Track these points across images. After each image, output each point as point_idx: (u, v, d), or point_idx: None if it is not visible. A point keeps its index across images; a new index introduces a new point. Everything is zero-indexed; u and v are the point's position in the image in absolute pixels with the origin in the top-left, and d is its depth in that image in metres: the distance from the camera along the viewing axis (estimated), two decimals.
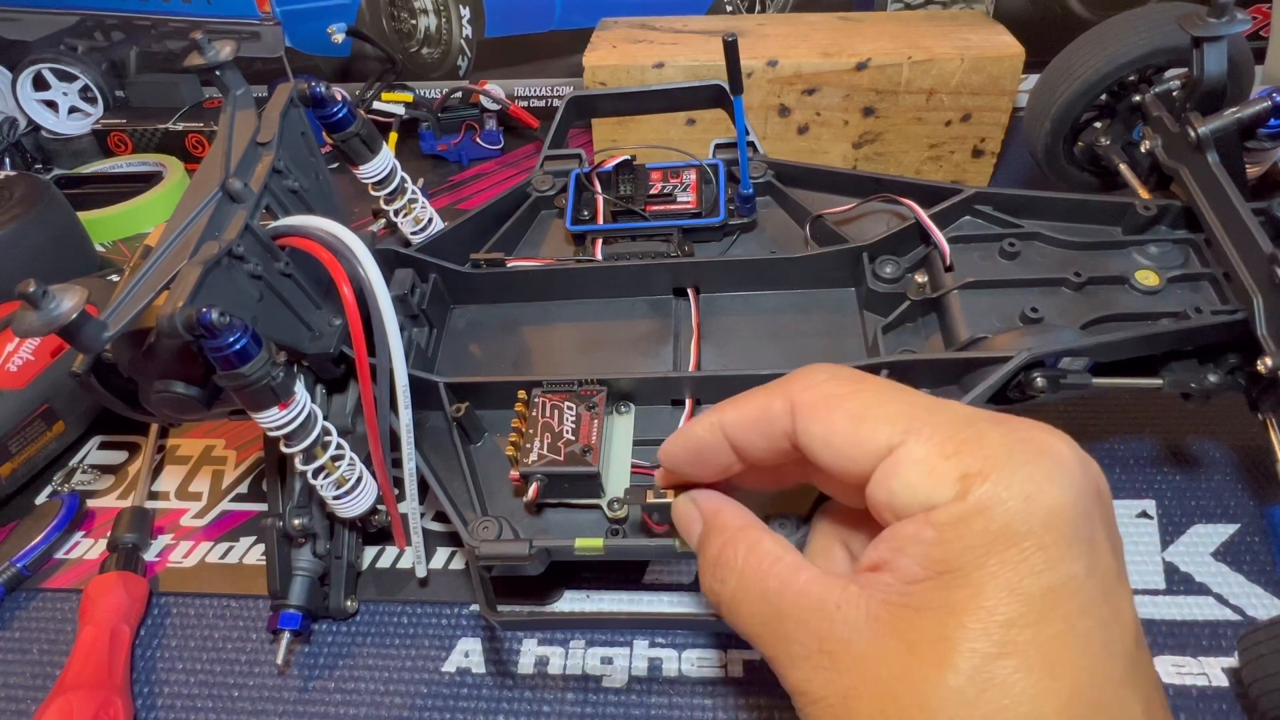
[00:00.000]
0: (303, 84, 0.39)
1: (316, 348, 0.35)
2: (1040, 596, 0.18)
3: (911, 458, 0.20)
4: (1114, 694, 0.18)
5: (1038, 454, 0.19)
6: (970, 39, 0.60)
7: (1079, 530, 0.18)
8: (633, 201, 0.44)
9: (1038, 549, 0.18)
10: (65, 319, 0.25)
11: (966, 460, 0.19)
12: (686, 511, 0.26)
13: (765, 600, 0.22)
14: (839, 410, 0.21)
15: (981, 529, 0.18)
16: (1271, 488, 0.41)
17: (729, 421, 0.24)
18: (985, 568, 0.18)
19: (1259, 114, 0.37)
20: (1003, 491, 0.18)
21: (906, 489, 0.20)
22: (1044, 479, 0.19)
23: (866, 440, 0.21)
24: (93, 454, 0.51)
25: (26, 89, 0.81)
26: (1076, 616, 0.18)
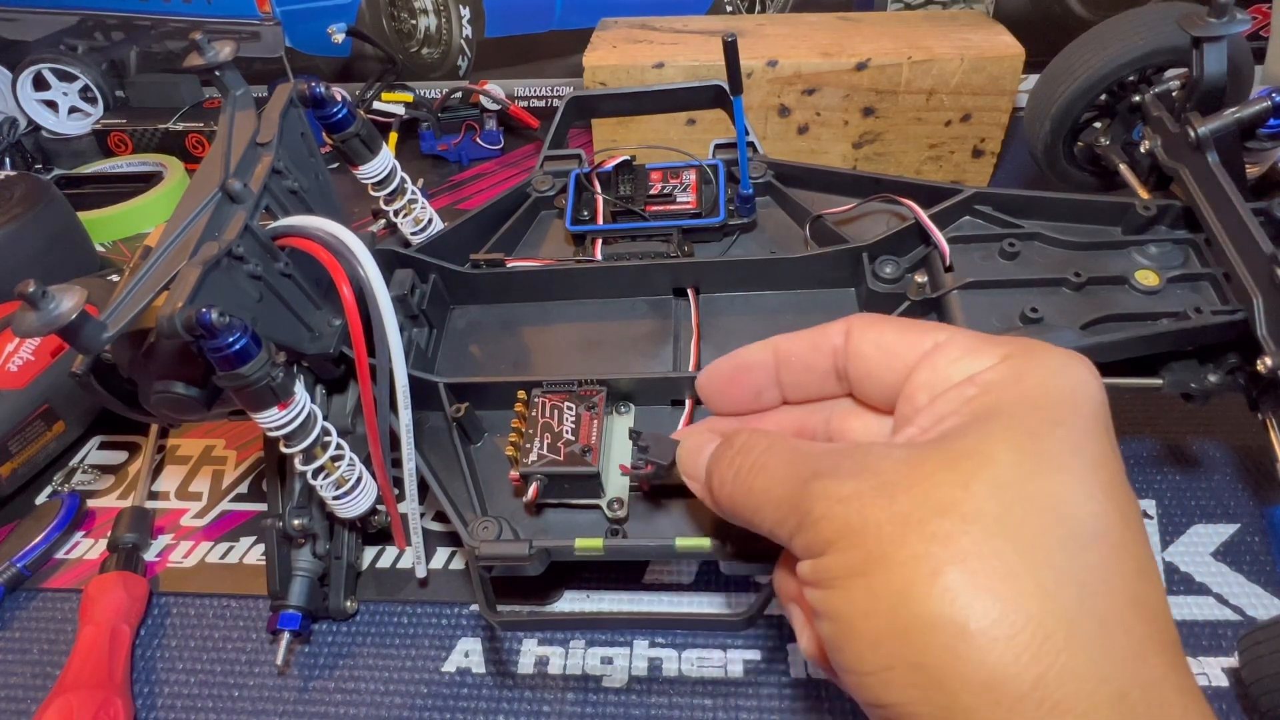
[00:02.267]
0: (302, 84, 0.39)
1: (316, 348, 0.35)
2: (1068, 435, 0.19)
3: (955, 344, 0.22)
4: (1138, 530, 0.19)
5: (1067, 355, 0.21)
6: (970, 39, 0.60)
7: (1102, 414, 0.20)
8: (633, 202, 0.43)
9: (1071, 408, 0.19)
10: (65, 319, 0.25)
11: (1006, 347, 0.21)
12: (699, 441, 0.25)
13: (795, 459, 0.21)
14: (890, 324, 0.24)
15: (1021, 389, 0.20)
16: (1271, 488, 0.41)
17: (783, 342, 0.26)
18: (1021, 412, 0.19)
19: (1259, 114, 0.37)
20: (1039, 367, 0.20)
21: (950, 364, 0.21)
22: (1074, 363, 0.20)
23: (914, 341, 0.22)
24: (93, 454, 0.51)
25: (26, 89, 0.81)
26: (1101, 460, 0.19)
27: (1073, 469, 0.19)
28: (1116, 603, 0.18)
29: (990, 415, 0.20)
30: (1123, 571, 0.18)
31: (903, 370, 0.22)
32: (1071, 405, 0.20)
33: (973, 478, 0.18)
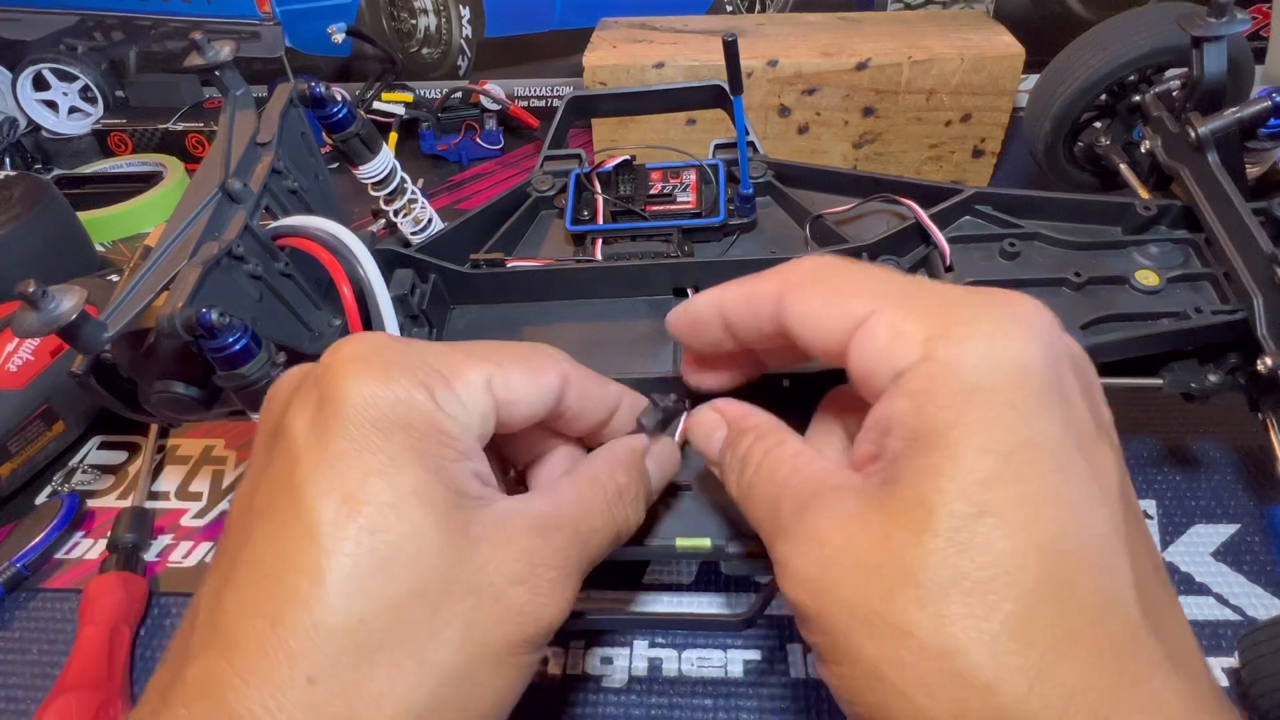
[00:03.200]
0: (302, 84, 0.39)
1: (316, 348, 0.35)
2: (1015, 453, 0.18)
3: (881, 322, 0.20)
4: (1096, 548, 0.18)
5: (1004, 313, 0.19)
6: (970, 39, 0.60)
7: (1050, 386, 0.18)
8: (633, 201, 0.43)
9: (1008, 405, 0.18)
10: (64, 319, 0.25)
11: (933, 323, 0.19)
12: (707, 418, 0.27)
13: (774, 484, 0.23)
14: (819, 287, 0.22)
15: (951, 388, 0.18)
16: (1271, 488, 0.41)
17: (726, 299, 0.25)
18: (958, 427, 0.18)
19: (1259, 114, 0.37)
20: (968, 349, 0.19)
21: (876, 353, 0.20)
22: (1009, 335, 0.19)
23: (841, 313, 0.21)
24: (93, 454, 0.51)
25: (26, 89, 0.81)
26: (1053, 473, 0.18)
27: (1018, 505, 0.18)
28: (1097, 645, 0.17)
29: (927, 444, 0.19)
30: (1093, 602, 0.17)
31: (836, 348, 0.21)
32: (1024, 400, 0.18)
33: (924, 533, 0.18)
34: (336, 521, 0.19)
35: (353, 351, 0.21)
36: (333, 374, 0.21)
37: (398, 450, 0.20)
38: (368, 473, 0.19)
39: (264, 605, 0.18)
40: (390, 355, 0.21)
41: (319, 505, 0.19)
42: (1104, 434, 0.20)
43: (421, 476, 0.20)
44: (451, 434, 0.21)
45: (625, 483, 0.25)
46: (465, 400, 0.22)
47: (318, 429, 0.20)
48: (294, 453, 0.20)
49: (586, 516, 0.24)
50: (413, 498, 0.19)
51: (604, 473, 0.25)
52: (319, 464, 0.19)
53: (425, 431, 0.20)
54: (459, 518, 0.20)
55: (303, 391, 0.21)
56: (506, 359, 0.24)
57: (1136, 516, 0.19)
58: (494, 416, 0.23)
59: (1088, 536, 0.18)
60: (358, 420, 0.20)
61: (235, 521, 0.21)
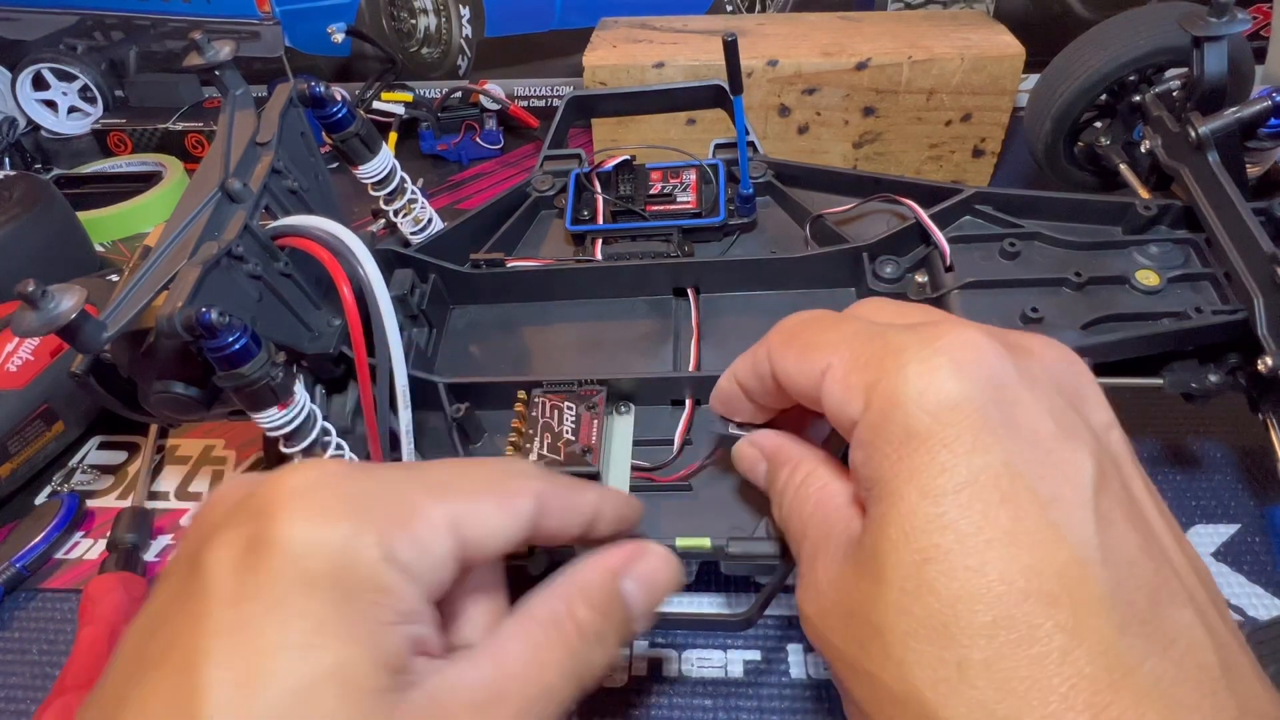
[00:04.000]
0: (302, 84, 0.39)
1: (316, 348, 0.35)
2: (953, 493, 0.17)
3: (833, 376, 0.21)
4: (1059, 580, 0.17)
5: (933, 349, 0.19)
6: (970, 39, 0.60)
7: (987, 418, 0.18)
8: (633, 201, 0.43)
9: (942, 446, 0.18)
10: (64, 319, 0.25)
11: (871, 370, 0.20)
12: (747, 453, 0.28)
13: (800, 520, 0.23)
14: (793, 345, 0.23)
15: (889, 435, 0.19)
16: (1271, 488, 0.41)
17: (737, 370, 0.26)
18: (899, 475, 0.18)
19: (1259, 114, 0.37)
20: (899, 393, 0.19)
21: (836, 406, 0.21)
22: (937, 371, 0.18)
23: (809, 368, 0.22)
24: (92, 454, 0.51)
25: (26, 89, 0.81)
26: (997, 507, 0.17)
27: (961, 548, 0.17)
28: None
29: (878, 494, 0.19)
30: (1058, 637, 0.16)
31: (814, 403, 0.22)
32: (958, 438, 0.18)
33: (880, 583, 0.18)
34: (230, 704, 0.16)
35: (299, 483, 0.18)
36: (271, 509, 0.18)
37: (325, 615, 0.17)
38: (280, 646, 0.16)
39: None
40: (340, 490, 0.19)
41: (213, 680, 0.16)
42: (1076, 440, 0.18)
43: (345, 653, 0.17)
44: (394, 591, 0.18)
45: (588, 618, 0.21)
46: (426, 544, 0.19)
47: (239, 576, 0.17)
48: (205, 603, 0.17)
49: (540, 675, 0.20)
50: (328, 681, 0.16)
51: (562, 607, 0.21)
52: (226, 625, 0.17)
53: (362, 589, 0.18)
54: (381, 704, 0.17)
55: (234, 522, 0.18)
56: (476, 489, 0.21)
57: (1132, 520, 0.18)
58: (455, 561, 0.20)
59: (1043, 567, 0.17)
60: (286, 573, 0.17)
61: (123, 659, 0.18)
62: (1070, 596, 0.16)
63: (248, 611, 0.17)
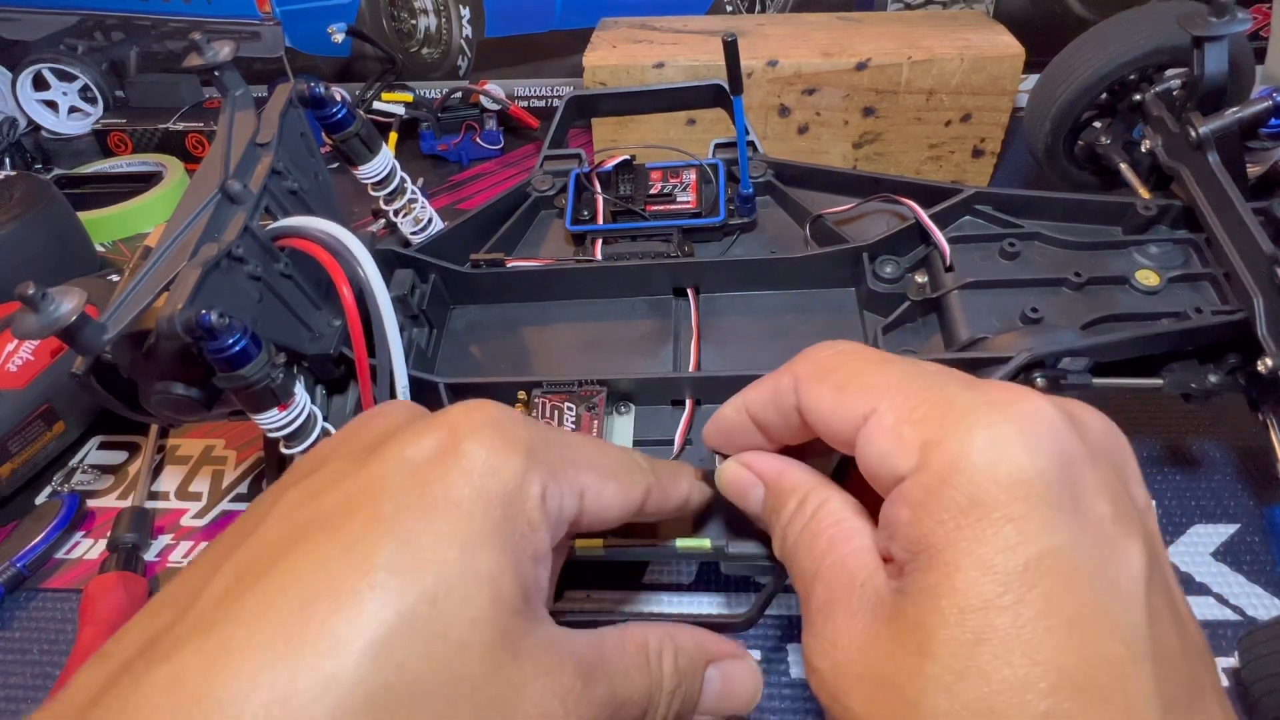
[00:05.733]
0: (302, 84, 0.39)
1: (316, 349, 0.35)
2: (1016, 574, 0.17)
3: (881, 424, 0.20)
4: (1112, 674, 0.16)
5: (1004, 415, 0.18)
6: (970, 39, 0.60)
7: (1057, 497, 0.17)
8: (633, 201, 0.43)
9: (1007, 520, 0.17)
10: (64, 321, 0.25)
11: (929, 426, 0.19)
12: (736, 475, 0.26)
13: (812, 559, 0.22)
14: (828, 381, 0.22)
15: (948, 501, 0.18)
16: (1271, 488, 0.41)
17: (750, 400, 0.25)
18: (956, 545, 0.17)
19: (1259, 114, 0.37)
20: (963, 459, 0.18)
21: (877, 456, 0.20)
22: (1010, 442, 0.18)
23: (847, 409, 0.21)
24: (93, 454, 0.51)
25: (26, 89, 0.81)
26: (1060, 594, 0.17)
27: (1019, 633, 0.17)
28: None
29: (927, 561, 0.18)
30: None
31: (845, 444, 0.21)
32: (1026, 515, 0.17)
33: (923, 656, 0.17)
34: (402, 572, 0.17)
35: (488, 416, 0.20)
36: (464, 428, 0.20)
37: (493, 528, 0.18)
38: (454, 537, 0.18)
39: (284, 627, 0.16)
40: (520, 432, 0.20)
41: (391, 548, 0.17)
42: (1130, 526, 0.18)
43: (500, 565, 0.18)
44: (540, 532, 0.20)
45: (670, 671, 0.23)
46: (566, 500, 0.21)
47: (428, 471, 0.19)
48: (392, 480, 0.19)
49: (625, 684, 0.21)
50: (486, 583, 0.18)
51: (654, 644, 0.23)
52: (411, 505, 0.18)
53: (520, 519, 0.19)
54: (516, 624, 0.18)
55: (423, 429, 0.20)
56: (608, 471, 0.23)
57: (1171, 612, 0.18)
58: (572, 525, 0.22)
59: (1099, 660, 0.16)
60: (469, 483, 0.19)
61: (290, 510, 0.19)
62: (1122, 692, 0.16)
63: (431, 498, 0.18)
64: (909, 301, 0.39)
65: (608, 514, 0.23)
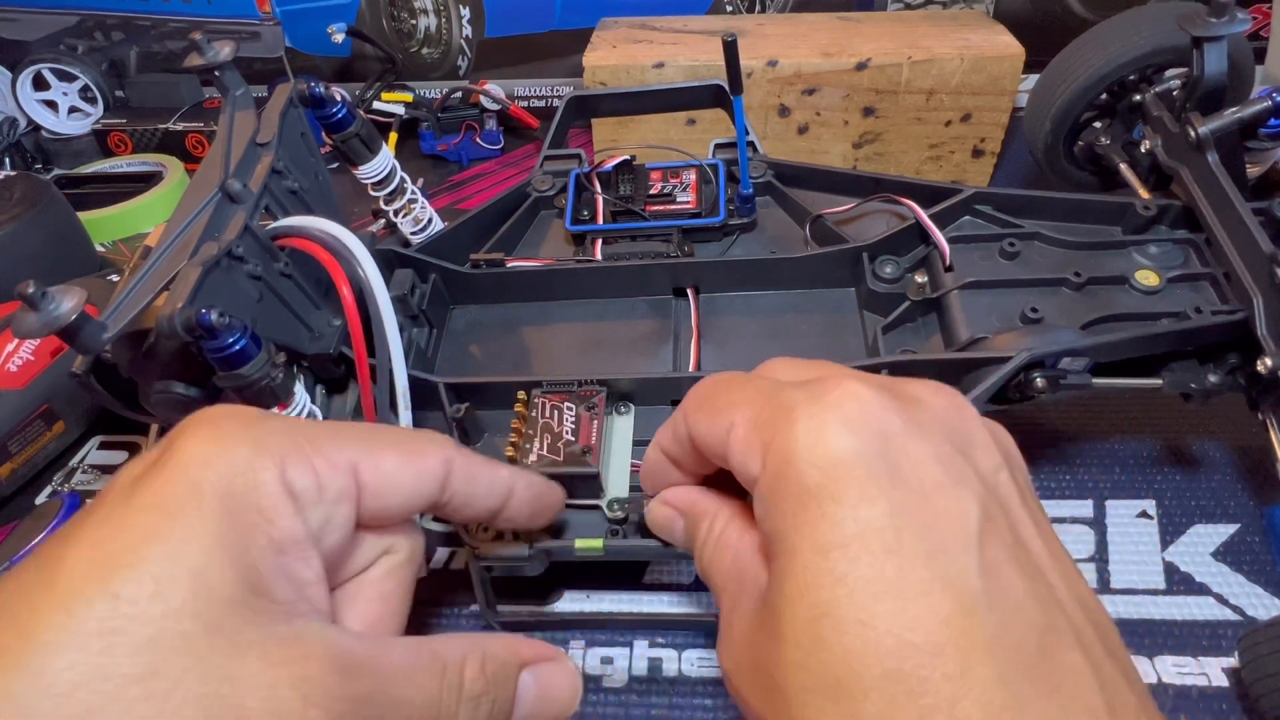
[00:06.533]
0: (302, 84, 0.39)
1: (316, 348, 0.35)
2: (842, 548, 0.18)
3: (736, 436, 0.21)
4: (946, 629, 0.17)
5: (821, 405, 0.19)
6: (970, 39, 0.60)
7: (873, 470, 0.18)
8: (632, 201, 0.44)
9: (831, 500, 0.18)
10: (64, 320, 0.25)
11: (768, 430, 0.20)
12: (660, 513, 0.27)
13: (721, 573, 0.23)
14: (703, 408, 0.23)
15: (784, 492, 0.19)
16: (1271, 488, 0.41)
17: (661, 440, 0.26)
18: (795, 531, 0.19)
19: (1259, 114, 0.37)
20: (790, 451, 0.19)
21: (739, 465, 0.21)
22: (827, 427, 0.19)
23: (717, 429, 0.22)
24: (93, 454, 0.51)
25: (26, 89, 0.81)
26: (884, 560, 0.17)
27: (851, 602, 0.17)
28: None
29: (776, 549, 0.19)
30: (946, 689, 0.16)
31: (724, 461, 0.22)
32: (845, 492, 0.18)
33: (780, 640, 0.18)
34: (84, 577, 0.17)
35: (209, 414, 0.20)
36: (181, 432, 0.20)
37: (202, 521, 0.18)
38: (150, 536, 0.18)
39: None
40: (245, 422, 0.20)
41: (79, 555, 0.17)
42: (961, 488, 0.19)
43: (210, 556, 0.18)
44: (277, 519, 0.19)
45: (471, 678, 0.21)
46: (324, 479, 0.20)
47: (137, 482, 0.19)
48: (100, 501, 0.19)
49: (405, 683, 0.20)
50: (186, 576, 0.17)
51: (455, 652, 0.21)
52: (110, 517, 0.18)
53: (245, 508, 0.19)
54: (233, 615, 0.18)
55: (152, 449, 0.20)
56: (380, 443, 0.22)
57: (1017, 565, 0.18)
58: (351, 504, 0.21)
59: (929, 616, 0.17)
60: (177, 479, 0.19)
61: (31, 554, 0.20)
62: (956, 646, 0.17)
63: (132, 506, 0.18)
64: (909, 301, 0.39)
65: (399, 487, 0.22)
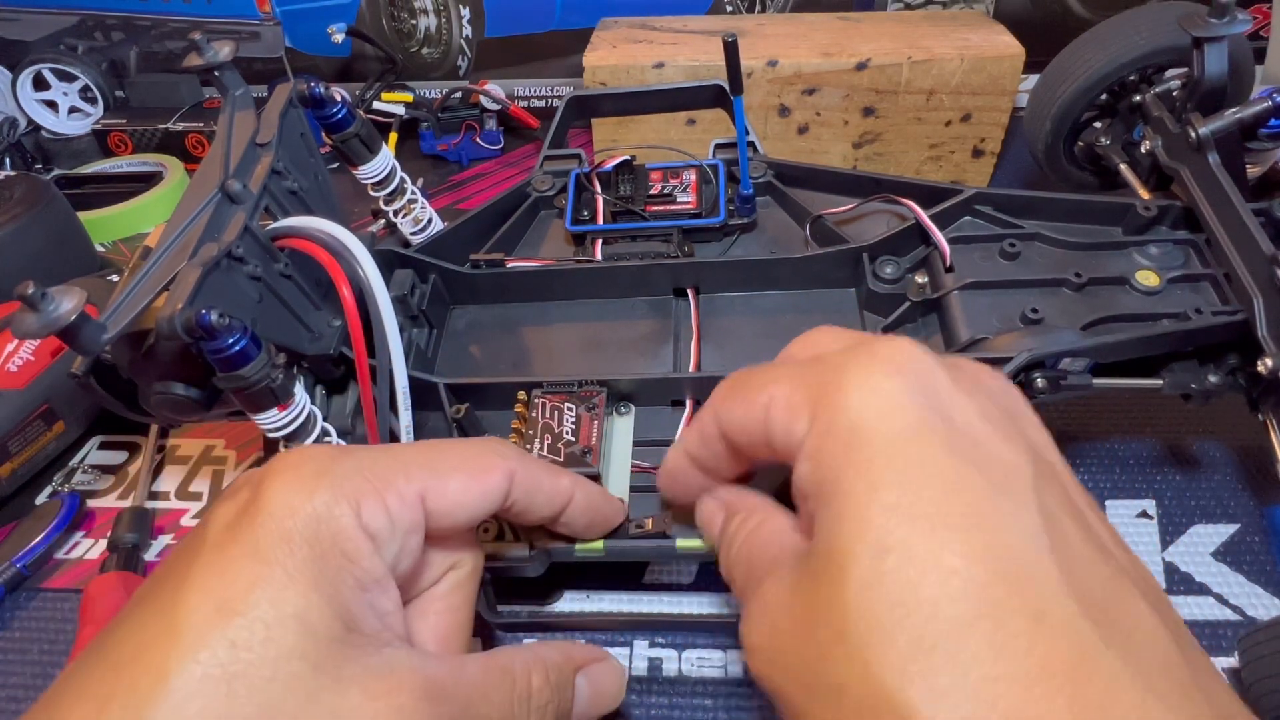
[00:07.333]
0: (302, 84, 0.39)
1: (316, 349, 0.35)
2: (903, 484, 0.18)
3: (777, 405, 0.21)
4: (1017, 562, 0.17)
5: (866, 359, 0.20)
6: (970, 39, 0.60)
7: (922, 413, 0.19)
8: (632, 201, 0.43)
9: (886, 442, 0.18)
10: (64, 321, 0.25)
11: (814, 389, 0.20)
12: (708, 507, 0.27)
13: (748, 564, 0.23)
14: (735, 397, 0.23)
15: (837, 441, 0.19)
16: (1271, 488, 0.41)
17: (687, 444, 0.26)
18: (847, 473, 0.19)
19: (1259, 114, 0.37)
20: (842, 402, 0.19)
21: (783, 432, 0.21)
22: (875, 377, 0.19)
23: (753, 409, 0.22)
24: (93, 454, 0.51)
25: (26, 89, 0.81)
26: (950, 494, 0.18)
27: (917, 535, 0.17)
28: None
29: (828, 497, 0.19)
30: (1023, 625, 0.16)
31: (764, 443, 0.22)
32: (899, 434, 0.18)
33: (838, 584, 0.18)
34: (204, 625, 0.18)
35: (288, 461, 0.21)
36: (265, 480, 0.21)
37: (297, 567, 0.20)
38: (256, 583, 0.19)
39: (99, 690, 0.18)
40: (322, 466, 0.21)
41: (195, 604, 0.19)
42: (1012, 443, 0.19)
43: (309, 600, 0.19)
44: (359, 559, 0.21)
45: (539, 687, 0.24)
46: (395, 515, 0.22)
47: (231, 530, 0.20)
48: (199, 547, 0.20)
49: (483, 702, 0.22)
50: (291, 620, 0.19)
51: (520, 666, 0.24)
52: (214, 563, 0.20)
53: (331, 550, 0.20)
54: (335, 653, 0.19)
55: (234, 489, 0.22)
56: (446, 465, 0.23)
57: (1075, 519, 0.19)
58: (423, 532, 0.23)
59: (1001, 549, 0.17)
60: (270, 529, 0.20)
61: (134, 597, 0.21)
62: (1031, 578, 0.17)
63: (231, 554, 0.20)
64: (909, 302, 0.39)
65: (463, 506, 0.23)
